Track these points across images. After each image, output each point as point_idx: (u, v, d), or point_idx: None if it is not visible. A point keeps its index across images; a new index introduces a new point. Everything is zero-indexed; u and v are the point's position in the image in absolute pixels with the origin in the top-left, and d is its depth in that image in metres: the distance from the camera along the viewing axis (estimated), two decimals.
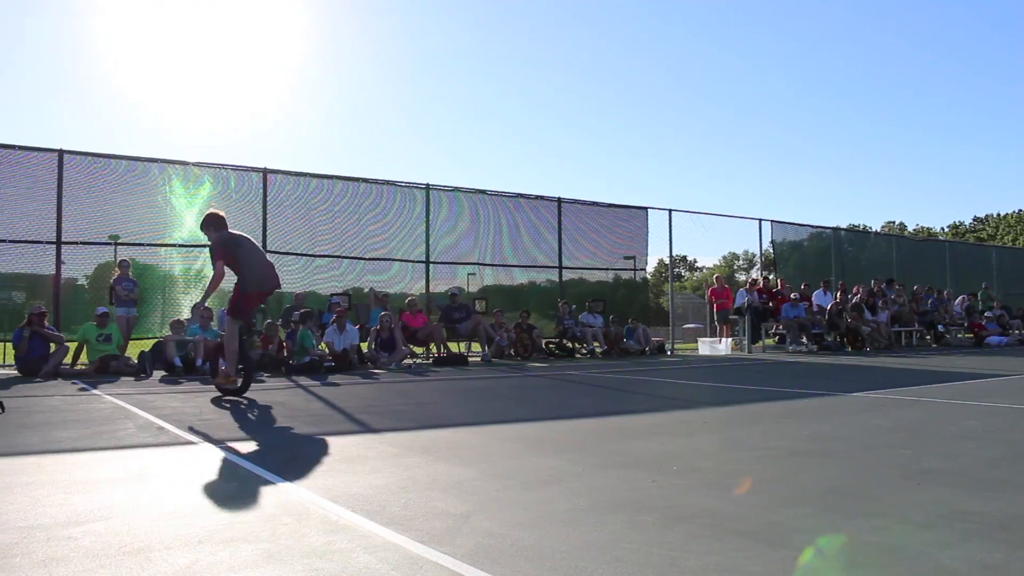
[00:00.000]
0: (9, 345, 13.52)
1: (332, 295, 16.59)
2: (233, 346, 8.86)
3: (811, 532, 3.14)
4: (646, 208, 21.69)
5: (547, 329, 19.04)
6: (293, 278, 16.80)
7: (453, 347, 17.39)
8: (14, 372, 12.72)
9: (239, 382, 8.93)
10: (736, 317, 21.32)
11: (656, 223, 21.63)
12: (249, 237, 9.33)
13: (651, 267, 23.18)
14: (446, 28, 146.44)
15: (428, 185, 18.63)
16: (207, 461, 4.90)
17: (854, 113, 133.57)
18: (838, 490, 3.91)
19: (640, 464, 4.61)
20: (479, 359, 16.58)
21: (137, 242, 15.31)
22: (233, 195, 16.20)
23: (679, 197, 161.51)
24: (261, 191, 16.37)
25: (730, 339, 20.94)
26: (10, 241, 14.19)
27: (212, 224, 9.17)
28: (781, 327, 21.16)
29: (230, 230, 9.16)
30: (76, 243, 14.69)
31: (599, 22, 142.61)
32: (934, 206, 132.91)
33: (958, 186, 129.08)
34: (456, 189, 19.14)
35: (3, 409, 7.45)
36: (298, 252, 16.92)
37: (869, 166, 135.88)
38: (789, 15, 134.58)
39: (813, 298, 22.08)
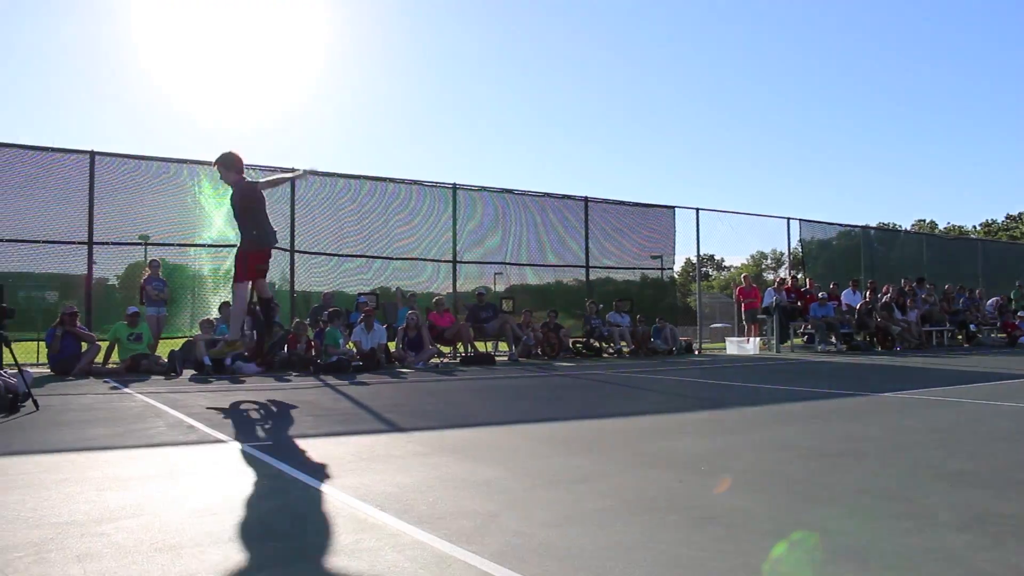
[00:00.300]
0: (43, 344, 13.66)
1: (360, 294, 16.66)
2: (240, 308, 8.74)
3: (843, 534, 3.12)
4: (673, 207, 21.60)
5: (574, 328, 19.01)
6: (321, 278, 16.91)
7: (480, 346, 17.40)
8: (47, 371, 12.87)
9: (243, 349, 8.77)
10: (764, 316, 21.17)
11: (683, 222, 21.56)
12: None
13: (678, 266, 23.09)
14: (472, 27, 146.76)
15: (455, 185, 18.66)
16: (236, 459, 4.94)
17: (885, 110, 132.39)
18: (869, 491, 3.87)
19: (668, 464, 4.59)
20: (506, 358, 16.59)
21: (167, 242, 15.43)
22: None
23: (707, 196, 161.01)
24: (289, 191, 16.47)
25: (758, 339, 20.79)
26: (43, 242, 14.36)
27: (236, 167, 8.80)
28: (810, 327, 20.99)
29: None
30: (107, 243, 14.84)
31: (627, 20, 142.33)
32: (966, 204, 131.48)
33: (991, 183, 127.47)
34: (483, 189, 19.16)
35: (37, 407, 7.55)
36: (326, 252, 17.01)
37: (899, 164, 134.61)
38: (819, 11, 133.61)
39: (842, 297, 21.88)
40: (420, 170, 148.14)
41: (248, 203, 8.67)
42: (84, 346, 12.98)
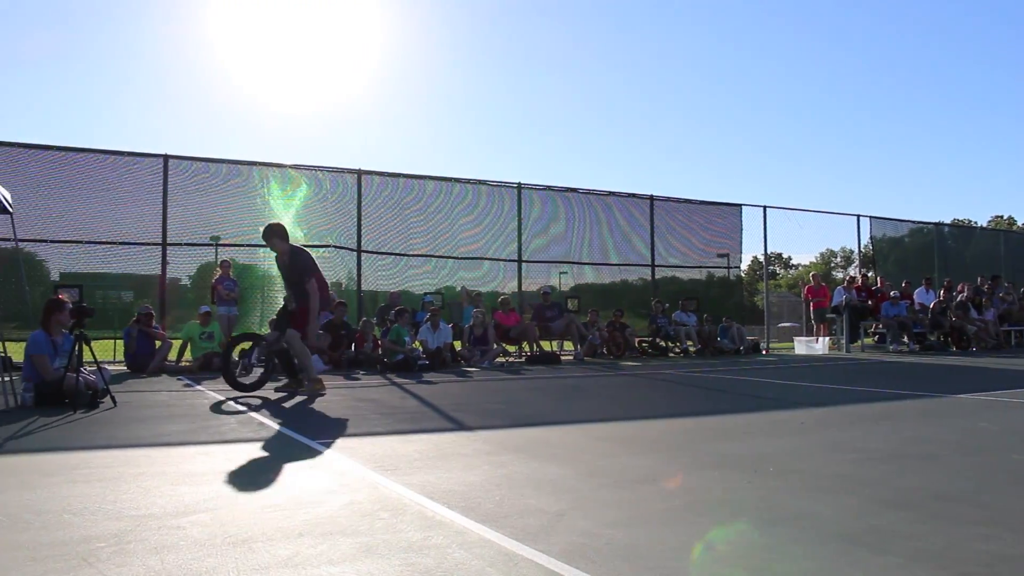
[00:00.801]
0: (120, 342, 14.06)
1: (425, 294, 16.81)
2: (304, 351, 9.25)
3: (915, 538, 3.05)
4: (740, 205, 21.39)
5: (640, 328, 18.91)
6: (387, 277, 17.10)
7: (546, 346, 17.42)
8: (124, 368, 13.23)
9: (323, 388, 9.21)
10: (833, 316, 20.81)
11: (750, 220, 21.34)
12: None
13: (745, 264, 22.80)
14: (538, 26, 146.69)
15: (520, 184, 18.70)
16: (305, 456, 5.02)
17: (959, 103, 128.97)
18: (943, 495, 3.78)
19: (735, 465, 4.55)
20: (572, 358, 16.57)
21: (237, 243, 15.74)
22: (328, 196, 16.55)
23: (774, 193, 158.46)
24: (356, 192, 16.68)
25: (827, 338, 20.44)
26: (119, 243, 14.79)
27: (281, 234, 9.36)
28: (881, 326, 20.56)
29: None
30: (180, 244, 15.21)
31: (692, 17, 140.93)
32: None
33: None
34: (548, 188, 19.17)
35: (115, 403, 7.77)
36: (393, 252, 17.18)
37: (974, 159, 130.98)
38: (895, 3, 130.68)
39: (915, 296, 21.38)
40: (485, 169, 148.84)
41: (295, 277, 9.24)
42: (158, 344, 13.31)
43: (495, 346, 15.33)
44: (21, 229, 10.69)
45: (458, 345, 15.33)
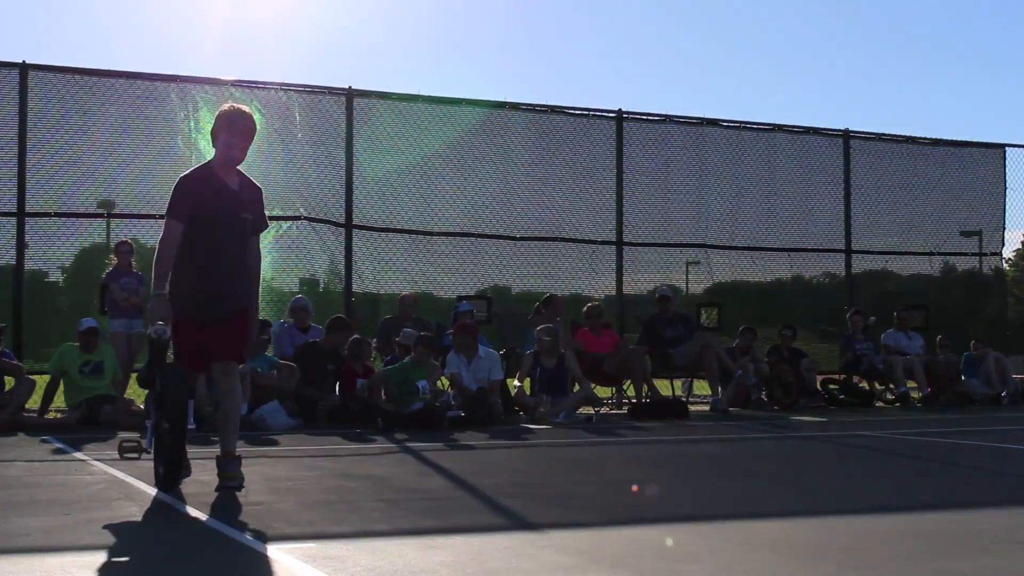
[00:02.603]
0: None
1: (460, 299, 16.77)
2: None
3: None
4: (1003, 145, 21.09)
5: (826, 357, 18.75)
6: (395, 272, 17.14)
7: (663, 387, 17.35)
8: None
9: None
10: None
11: (1021, 171, 21.01)
12: None
13: (1010, 250, 22.51)
14: None
15: (621, 112, 18.65)
16: (262, 572, 5.03)
17: None
18: None
19: None
20: (707, 407, 16.50)
21: (144, 213, 15.84)
22: (298, 134, 16.60)
23: None
24: (344, 128, 16.72)
25: None
26: None
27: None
28: None
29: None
30: (47, 215, 15.35)
31: None
32: None
33: None
34: (667, 119, 19.08)
35: None
36: (404, 228, 17.23)
37: None
38: None
39: None
40: (561, 92, 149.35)
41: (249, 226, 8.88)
42: (9, 383, 13.20)
43: (577, 387, 15.30)
44: None
45: (514, 384, 15.31)
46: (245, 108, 8.29)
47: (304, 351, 13.89)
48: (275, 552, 5.39)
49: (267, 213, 8.50)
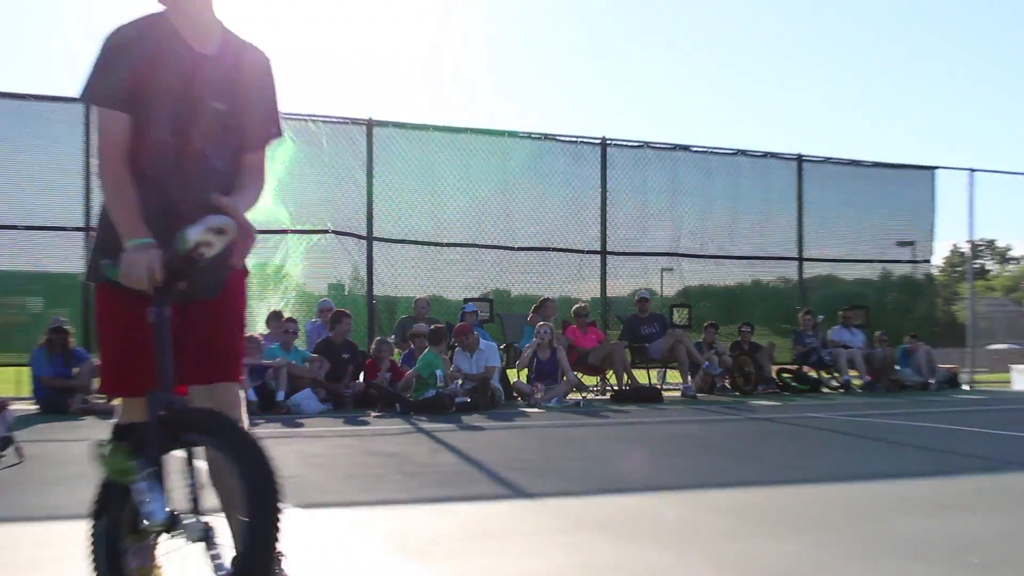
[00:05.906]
0: (24, 371, 13.80)
1: (466, 300, 16.78)
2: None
3: None
4: (932, 168, 21.08)
5: (780, 350, 18.76)
6: (411, 277, 17.16)
7: (641, 376, 17.36)
8: (34, 408, 13.03)
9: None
10: None
11: (948, 191, 21.02)
12: None
13: (939, 257, 22.52)
14: None
15: (605, 140, 18.70)
16: (297, 533, 5.06)
17: None
18: None
19: (922, 554, 4.50)
20: (679, 394, 16.52)
21: None
22: (325, 159, 16.55)
23: (982, 153, 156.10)
24: (366, 153, 16.69)
25: None
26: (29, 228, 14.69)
27: None
28: None
29: None
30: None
31: None
32: None
33: None
34: (645, 145, 19.10)
35: (21, 458, 7.85)
36: (417, 240, 17.27)
37: None
38: None
39: None
40: (556, 121, 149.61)
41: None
42: (75, 372, 13.01)
43: (568, 376, 15.31)
44: None
45: (513, 375, 15.33)
46: None
47: (322, 346, 13.93)
48: (310, 517, 5.42)
49: (298, 227, 7.82)
